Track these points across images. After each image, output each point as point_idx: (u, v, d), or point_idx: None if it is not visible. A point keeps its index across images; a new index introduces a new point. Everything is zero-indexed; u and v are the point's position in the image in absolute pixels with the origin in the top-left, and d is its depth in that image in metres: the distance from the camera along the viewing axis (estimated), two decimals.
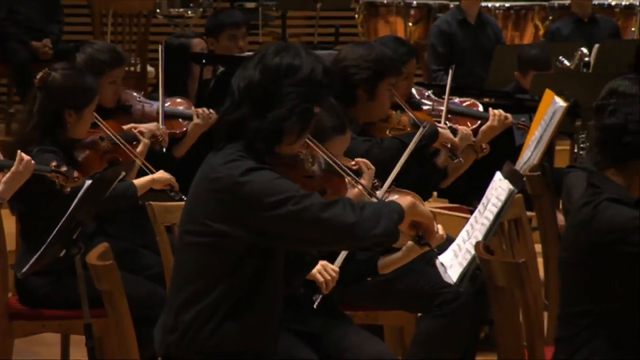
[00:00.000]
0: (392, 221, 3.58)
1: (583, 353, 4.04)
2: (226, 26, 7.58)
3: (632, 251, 3.98)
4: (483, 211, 4.32)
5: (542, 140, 5.91)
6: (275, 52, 3.71)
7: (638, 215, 3.99)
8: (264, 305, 3.74)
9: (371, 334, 4.70)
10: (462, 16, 9.32)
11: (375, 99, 5.33)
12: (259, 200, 3.60)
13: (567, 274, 4.16)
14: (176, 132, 6.11)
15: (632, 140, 4.07)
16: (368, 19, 10.47)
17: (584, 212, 4.06)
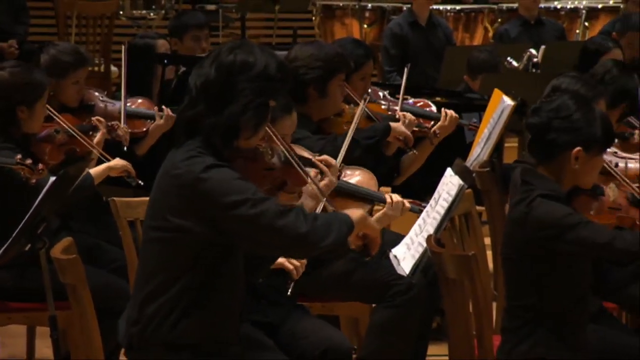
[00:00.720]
0: (342, 234, 3.60)
1: (527, 344, 4.06)
2: (190, 27, 7.58)
3: (566, 247, 4.00)
4: (434, 206, 4.32)
5: (491, 137, 5.92)
6: (229, 49, 3.69)
7: (570, 212, 4.02)
8: (224, 299, 3.72)
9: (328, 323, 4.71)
10: (413, 19, 9.32)
11: (327, 96, 5.32)
12: (218, 198, 3.59)
13: (509, 269, 4.19)
14: (138, 131, 6.08)
15: (556, 137, 4.09)
16: (325, 21, 10.47)
17: (519, 209, 4.09)
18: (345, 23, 10.38)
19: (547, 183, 4.10)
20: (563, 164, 4.11)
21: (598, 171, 4.20)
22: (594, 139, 4.10)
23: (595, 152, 4.12)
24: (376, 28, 10.22)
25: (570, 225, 3.99)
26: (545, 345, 4.04)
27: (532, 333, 4.06)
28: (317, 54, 5.32)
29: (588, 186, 4.18)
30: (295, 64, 5.30)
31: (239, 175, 3.62)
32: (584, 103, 4.16)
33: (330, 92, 5.34)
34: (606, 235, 3.99)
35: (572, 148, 4.09)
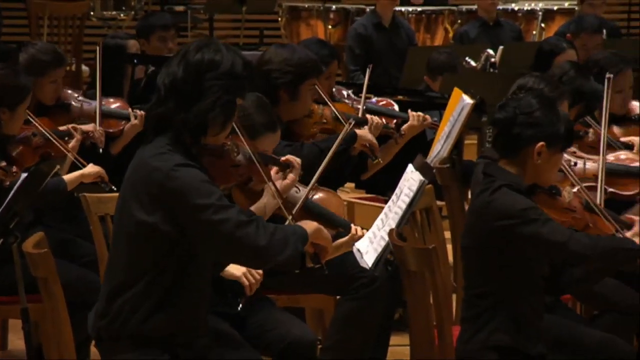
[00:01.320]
0: (297, 250, 3.61)
1: (485, 332, 4.08)
2: (156, 28, 7.58)
3: (521, 240, 4.02)
4: (396, 201, 4.33)
5: (451, 134, 5.93)
6: (196, 48, 3.68)
7: (533, 206, 4.04)
8: (192, 296, 3.70)
9: (293, 315, 4.71)
10: (377, 20, 9.33)
11: (297, 99, 5.31)
12: (185, 197, 3.58)
13: (468, 259, 4.20)
14: (112, 130, 6.06)
15: (521, 132, 4.12)
16: (290, 22, 10.46)
17: (481, 199, 4.11)
18: (310, 24, 10.38)
19: (510, 176, 4.12)
20: (526, 159, 4.14)
21: (557, 169, 4.23)
22: (557, 135, 4.13)
23: (557, 149, 4.15)
24: (340, 29, 10.22)
25: (530, 220, 4.01)
26: (503, 333, 4.05)
27: (490, 321, 4.07)
28: (290, 59, 5.31)
29: (547, 184, 4.21)
30: (268, 67, 5.29)
31: (206, 178, 3.62)
32: (547, 101, 4.20)
33: (301, 95, 5.33)
34: (562, 235, 4.01)
35: (536, 143, 4.12)
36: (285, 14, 10.45)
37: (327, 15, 10.26)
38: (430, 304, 3.97)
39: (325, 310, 5.37)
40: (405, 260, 4.03)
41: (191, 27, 10.35)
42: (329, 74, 5.84)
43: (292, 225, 3.70)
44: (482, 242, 4.10)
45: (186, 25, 10.20)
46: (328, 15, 10.26)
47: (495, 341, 4.05)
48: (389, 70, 9.06)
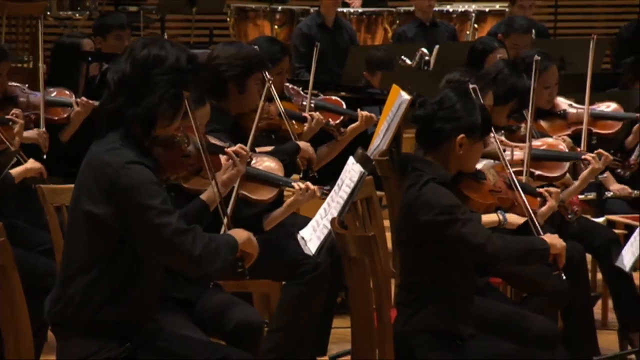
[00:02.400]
0: (227, 260, 3.64)
1: (420, 315, 4.09)
2: (113, 27, 7.59)
3: (447, 236, 4.03)
4: (338, 191, 4.33)
5: (390, 129, 5.95)
6: (142, 45, 3.67)
7: (458, 204, 4.06)
8: (143, 284, 3.69)
9: (241, 300, 4.70)
10: (320, 20, 9.34)
11: (245, 92, 5.30)
12: (132, 195, 3.56)
13: (402, 250, 4.22)
14: (58, 118, 6.10)
15: (441, 126, 4.13)
16: (239, 22, 10.44)
17: (410, 193, 4.12)
18: (257, 24, 10.36)
19: (436, 169, 4.13)
20: (448, 151, 4.15)
21: (479, 155, 4.25)
22: (475, 125, 4.14)
23: (477, 138, 4.16)
24: (286, 29, 10.21)
25: (453, 219, 4.01)
26: (436, 317, 4.07)
27: (425, 306, 4.08)
28: (237, 54, 5.29)
29: (471, 170, 4.23)
30: (216, 61, 5.28)
31: (155, 179, 3.61)
32: (464, 94, 4.21)
33: (249, 88, 5.32)
34: (481, 237, 4.01)
35: (456, 135, 4.13)
36: (233, 15, 10.43)
37: (274, 15, 10.25)
38: (370, 289, 3.98)
39: (271, 295, 5.37)
40: (346, 247, 4.03)
41: (144, 26, 10.30)
42: (280, 70, 5.86)
43: (225, 235, 3.72)
44: (414, 235, 4.10)
45: (139, 25, 10.15)
46: (274, 15, 10.25)
47: (430, 324, 4.06)
48: (331, 68, 9.07)
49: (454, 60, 7.63)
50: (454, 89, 4.26)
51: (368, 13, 10.06)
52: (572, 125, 6.06)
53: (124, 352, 3.63)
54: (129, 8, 10.62)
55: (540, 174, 5.28)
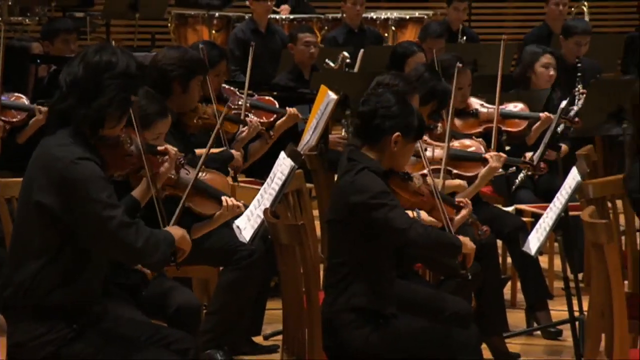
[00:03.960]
0: (165, 254, 3.66)
1: (345, 296, 4.11)
2: (60, 32, 7.56)
3: (375, 219, 4.07)
4: (270, 184, 4.33)
5: (319, 125, 5.97)
6: (95, 51, 3.67)
7: (387, 191, 4.10)
8: (89, 272, 3.68)
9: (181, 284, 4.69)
10: (254, 26, 9.34)
11: (187, 92, 5.31)
12: (80, 188, 3.55)
13: (332, 231, 4.24)
14: (14, 120, 6.05)
15: (380, 123, 4.17)
16: (179, 27, 10.39)
17: (345, 179, 4.15)
18: (196, 29, 10.32)
19: (371, 161, 4.17)
20: (384, 146, 4.19)
21: (410, 156, 4.30)
22: (411, 127, 4.20)
23: (411, 139, 4.22)
24: (223, 34, 10.18)
25: (381, 203, 4.05)
26: (360, 296, 4.09)
27: (349, 286, 4.11)
28: (182, 57, 5.32)
29: (401, 168, 4.27)
30: (163, 62, 5.28)
31: (103, 174, 3.60)
32: (403, 97, 4.26)
33: (191, 89, 5.34)
34: (405, 223, 4.06)
35: (393, 133, 4.16)
36: (174, 20, 10.38)
37: (211, 21, 10.22)
38: (300, 273, 3.99)
39: (210, 279, 5.36)
40: (278, 235, 4.04)
41: (90, 31, 10.22)
42: (218, 72, 5.88)
43: (164, 231, 3.74)
44: (344, 216, 4.13)
45: (85, 29, 10.07)
46: (212, 21, 10.22)
47: (354, 303, 4.09)
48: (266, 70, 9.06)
49: (378, 63, 7.68)
50: (394, 92, 4.32)
51: (299, 19, 10.07)
52: (484, 123, 6.12)
53: (71, 333, 3.62)
54: (75, 14, 10.51)
55: (457, 172, 5.33)
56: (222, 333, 5.17)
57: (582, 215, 4.16)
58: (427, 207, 4.35)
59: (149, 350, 3.67)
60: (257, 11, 9.32)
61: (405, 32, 10.07)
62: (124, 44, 10.58)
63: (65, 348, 3.60)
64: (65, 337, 3.60)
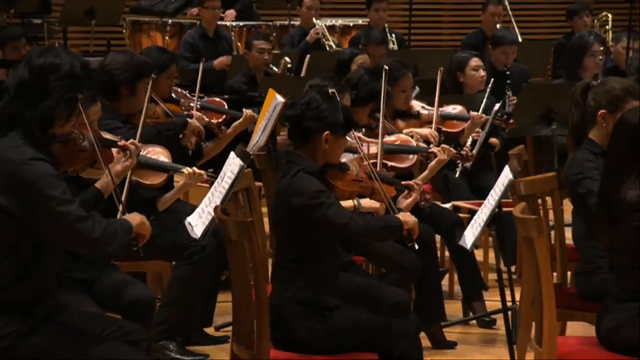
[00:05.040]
0: (124, 242, 3.62)
1: (291, 290, 4.11)
2: (9, 39, 7.55)
3: (315, 218, 4.07)
4: (221, 182, 4.31)
5: (267, 127, 5.96)
6: (39, 54, 3.62)
7: (323, 189, 4.10)
8: (44, 268, 3.63)
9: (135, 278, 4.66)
10: (203, 31, 9.38)
11: (135, 95, 5.29)
12: (34, 187, 3.50)
13: (277, 232, 4.23)
14: None
15: (309, 125, 4.16)
16: (134, 33, 10.33)
17: (283, 182, 4.14)
18: (150, 35, 10.27)
19: (305, 161, 4.16)
20: (316, 146, 4.18)
21: (343, 149, 4.29)
22: (339, 124, 4.18)
23: (340, 134, 4.21)
24: (176, 39, 10.13)
25: (320, 203, 4.05)
26: (306, 290, 4.09)
27: (296, 281, 4.10)
28: (129, 61, 5.30)
29: (336, 162, 4.27)
30: (111, 67, 5.26)
31: (55, 172, 3.56)
32: (328, 96, 4.24)
33: (138, 91, 5.31)
34: (344, 218, 4.05)
35: (322, 132, 4.16)
36: (129, 27, 10.31)
37: (165, 28, 10.17)
38: (248, 268, 3.97)
39: (163, 273, 5.33)
40: (228, 231, 4.02)
41: (47, 37, 10.12)
42: (168, 75, 5.85)
43: (121, 219, 3.70)
44: (287, 218, 4.12)
45: (43, 36, 9.97)
46: (165, 28, 10.17)
47: (300, 297, 4.08)
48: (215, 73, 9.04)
49: (323, 67, 7.68)
50: (319, 92, 4.30)
51: (249, 26, 10.06)
52: (425, 124, 6.15)
53: (28, 327, 3.57)
54: (33, 20, 10.40)
55: (392, 165, 5.38)
56: (175, 324, 5.14)
57: (514, 211, 4.20)
58: (368, 191, 4.36)
59: (103, 341, 3.63)
60: (205, 17, 9.40)
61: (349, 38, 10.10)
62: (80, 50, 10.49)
63: (21, 341, 3.55)
64: (21, 330, 3.55)
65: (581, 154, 4.53)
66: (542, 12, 12.12)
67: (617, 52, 8.62)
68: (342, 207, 4.12)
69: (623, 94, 4.51)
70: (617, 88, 4.53)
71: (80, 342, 3.60)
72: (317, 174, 4.15)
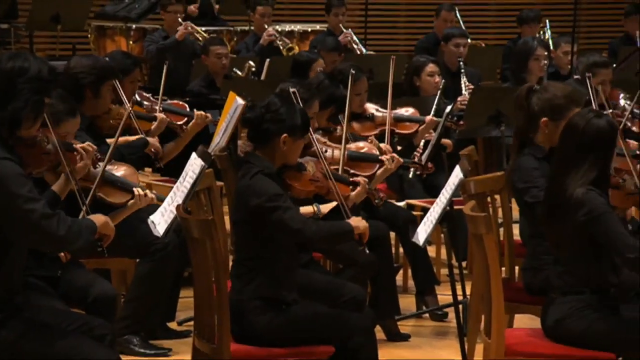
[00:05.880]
0: (88, 239, 3.62)
1: (251, 286, 4.11)
2: None
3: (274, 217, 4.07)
4: (183, 182, 4.29)
5: (228, 128, 5.94)
6: (8, 58, 3.62)
7: (280, 192, 4.10)
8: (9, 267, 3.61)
9: (100, 275, 4.64)
10: (165, 34, 9.39)
11: (99, 97, 5.27)
12: (2, 184, 3.48)
13: (238, 230, 4.23)
14: None
15: (268, 127, 4.17)
16: (98, 38, 10.26)
17: (242, 182, 4.14)
18: (115, 40, 10.21)
19: (264, 162, 4.16)
20: (274, 148, 4.18)
21: (300, 151, 4.29)
22: (296, 126, 4.18)
23: (298, 137, 4.21)
24: (139, 44, 10.09)
25: (276, 206, 4.05)
26: (265, 286, 4.09)
27: (255, 277, 4.10)
28: (93, 64, 5.28)
29: (294, 163, 4.27)
30: (75, 70, 5.23)
31: (22, 171, 3.54)
32: (287, 100, 4.25)
33: (102, 94, 5.29)
34: (299, 223, 4.06)
35: (280, 135, 4.16)
36: (94, 32, 10.25)
37: (129, 33, 10.12)
38: (210, 265, 3.97)
39: (127, 270, 5.30)
40: (190, 229, 4.01)
41: (15, 41, 10.03)
42: (132, 79, 5.84)
43: (86, 219, 3.70)
44: (246, 217, 4.12)
45: (10, 40, 9.88)
46: (129, 33, 10.12)
47: (259, 292, 4.08)
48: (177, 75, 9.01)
49: (282, 72, 7.68)
50: (278, 95, 4.30)
51: (210, 31, 10.02)
52: (379, 126, 6.18)
53: None
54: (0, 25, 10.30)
55: (354, 172, 5.36)
56: (138, 319, 5.12)
57: (465, 209, 4.23)
58: (324, 190, 4.37)
59: (69, 336, 3.62)
60: (167, 21, 9.42)
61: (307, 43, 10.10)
62: (46, 54, 10.40)
63: None
64: None
65: (526, 160, 4.55)
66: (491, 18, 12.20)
67: (558, 57, 8.71)
68: (298, 211, 4.13)
69: (566, 102, 4.55)
70: (559, 96, 4.55)
71: (47, 336, 3.58)
72: (275, 175, 4.15)
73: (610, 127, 4.03)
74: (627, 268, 3.95)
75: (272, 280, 4.08)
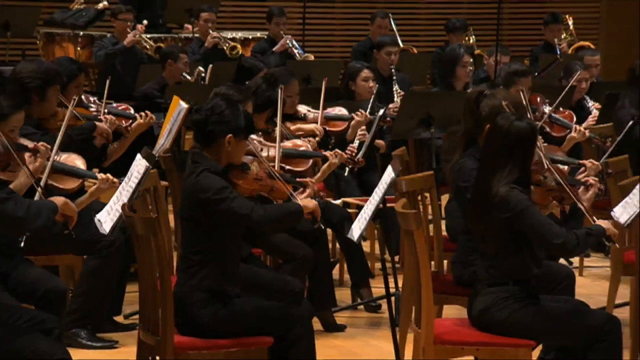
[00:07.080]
0: (49, 219, 3.57)
1: (195, 279, 4.09)
2: None
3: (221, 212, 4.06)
4: (128, 182, 4.27)
5: (172, 131, 5.91)
6: None
7: (225, 185, 4.09)
8: None
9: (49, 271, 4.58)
10: (115, 41, 9.29)
11: (45, 100, 5.21)
12: None
13: (185, 226, 4.21)
14: None
15: (213, 128, 4.16)
16: (47, 44, 10.12)
17: (189, 181, 4.13)
18: (63, 46, 10.08)
19: (210, 162, 4.15)
20: (220, 148, 4.17)
21: (244, 151, 4.29)
22: (240, 128, 4.18)
23: (241, 138, 4.20)
24: (87, 50, 9.98)
25: (224, 197, 4.04)
26: (209, 279, 4.08)
27: (200, 271, 4.09)
28: (38, 69, 5.22)
29: (238, 162, 4.26)
30: (22, 75, 5.16)
31: None
32: (231, 102, 4.24)
33: (48, 97, 5.23)
34: (246, 209, 4.05)
35: (225, 135, 4.15)
36: (42, 38, 10.11)
37: (77, 39, 10.00)
38: (154, 260, 3.94)
39: (75, 266, 5.25)
40: (135, 227, 3.99)
41: None
42: (77, 84, 5.76)
43: (45, 200, 3.62)
44: (194, 213, 4.10)
45: None
46: (77, 39, 10.00)
47: (203, 285, 4.07)
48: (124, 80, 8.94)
49: (225, 76, 7.65)
50: (223, 98, 4.30)
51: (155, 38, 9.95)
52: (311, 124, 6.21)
53: None
54: None
55: (289, 168, 5.38)
56: (86, 314, 5.08)
57: (396, 206, 4.26)
58: (267, 189, 4.36)
59: (17, 330, 3.57)
60: (117, 28, 9.34)
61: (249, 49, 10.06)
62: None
63: None
64: None
65: (468, 161, 4.58)
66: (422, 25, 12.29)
67: (489, 65, 8.88)
68: (244, 199, 4.11)
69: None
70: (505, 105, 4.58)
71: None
72: (220, 174, 4.14)
73: (531, 129, 4.08)
74: (556, 254, 4.01)
75: (216, 273, 4.07)
